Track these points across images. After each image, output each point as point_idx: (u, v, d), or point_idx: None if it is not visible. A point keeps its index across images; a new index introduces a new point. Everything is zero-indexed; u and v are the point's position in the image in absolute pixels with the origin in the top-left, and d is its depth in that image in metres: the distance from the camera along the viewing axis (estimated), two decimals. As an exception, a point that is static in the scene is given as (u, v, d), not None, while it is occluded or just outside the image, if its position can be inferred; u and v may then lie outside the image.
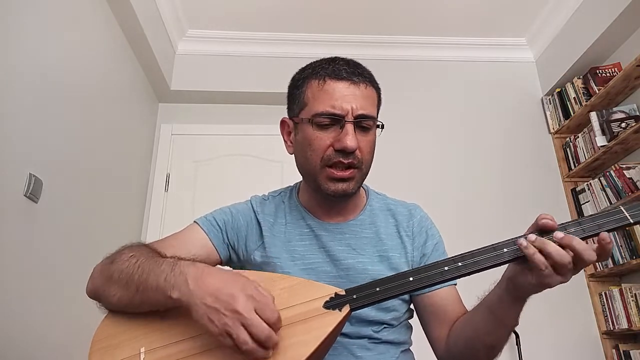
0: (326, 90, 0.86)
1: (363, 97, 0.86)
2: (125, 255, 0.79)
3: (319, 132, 0.86)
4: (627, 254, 2.35)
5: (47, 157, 1.68)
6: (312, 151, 0.87)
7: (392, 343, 0.87)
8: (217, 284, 0.65)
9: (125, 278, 0.74)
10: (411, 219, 0.97)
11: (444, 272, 0.69)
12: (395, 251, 0.92)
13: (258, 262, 0.91)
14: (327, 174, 0.86)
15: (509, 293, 0.72)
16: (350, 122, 0.84)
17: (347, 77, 0.86)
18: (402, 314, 0.91)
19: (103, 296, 0.78)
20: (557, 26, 2.86)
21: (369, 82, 0.89)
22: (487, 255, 0.68)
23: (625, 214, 0.66)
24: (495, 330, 0.77)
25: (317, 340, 0.65)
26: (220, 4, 2.77)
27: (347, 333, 0.83)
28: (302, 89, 0.91)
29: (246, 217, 0.97)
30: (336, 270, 0.88)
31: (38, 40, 1.63)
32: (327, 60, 0.91)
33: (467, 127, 2.93)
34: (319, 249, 0.91)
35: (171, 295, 0.67)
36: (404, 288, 0.70)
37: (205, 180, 2.79)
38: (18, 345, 1.48)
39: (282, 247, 0.91)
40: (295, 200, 0.99)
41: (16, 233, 1.50)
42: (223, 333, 0.62)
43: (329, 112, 0.84)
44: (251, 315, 0.62)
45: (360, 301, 0.70)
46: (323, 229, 0.93)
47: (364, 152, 0.87)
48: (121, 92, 2.41)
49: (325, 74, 0.87)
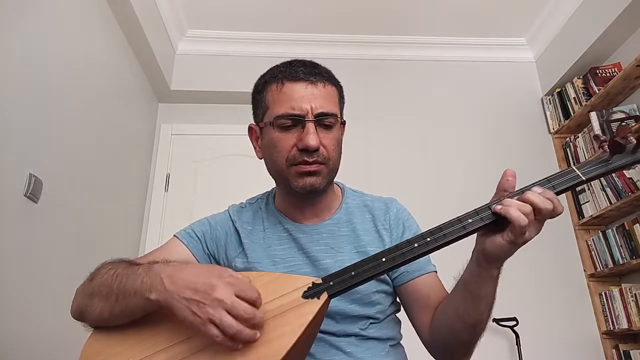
0: (285, 92, 0.88)
1: (322, 96, 0.88)
2: (104, 269, 0.80)
3: (282, 134, 0.88)
4: (627, 254, 2.35)
5: (47, 157, 1.68)
6: (277, 153, 0.88)
7: (379, 339, 0.88)
8: (193, 277, 0.66)
9: (105, 290, 0.75)
10: (387, 212, 0.98)
11: (414, 249, 0.71)
12: (373, 245, 0.93)
13: (240, 268, 0.92)
14: (295, 170, 0.87)
15: (481, 265, 0.73)
16: (311, 121, 0.85)
17: (304, 78, 0.88)
18: (387, 307, 0.92)
19: (86, 312, 0.79)
20: (557, 26, 2.86)
21: (327, 80, 0.91)
22: (454, 227, 0.71)
23: (577, 172, 0.70)
24: (474, 307, 0.77)
25: (299, 329, 0.66)
26: (220, 4, 2.77)
27: (334, 332, 0.84)
28: (262, 94, 0.93)
29: (224, 227, 0.98)
30: (316, 271, 0.89)
31: (38, 40, 1.63)
32: (284, 64, 0.93)
33: (467, 127, 2.94)
34: (298, 252, 0.92)
35: (149, 297, 0.68)
36: (378, 269, 0.71)
37: (205, 180, 2.79)
38: (18, 345, 1.48)
39: (262, 253, 0.93)
40: (271, 206, 1.01)
41: (16, 233, 1.50)
42: (206, 322, 0.63)
43: (289, 113, 0.86)
44: (232, 299, 0.64)
45: (337, 286, 0.71)
46: (300, 232, 0.94)
47: (329, 149, 0.88)
48: (121, 92, 2.41)
49: (282, 76, 0.90)
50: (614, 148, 0.69)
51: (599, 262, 2.54)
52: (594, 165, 0.71)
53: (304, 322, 0.67)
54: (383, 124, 2.88)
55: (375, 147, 2.83)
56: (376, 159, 2.79)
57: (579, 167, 0.71)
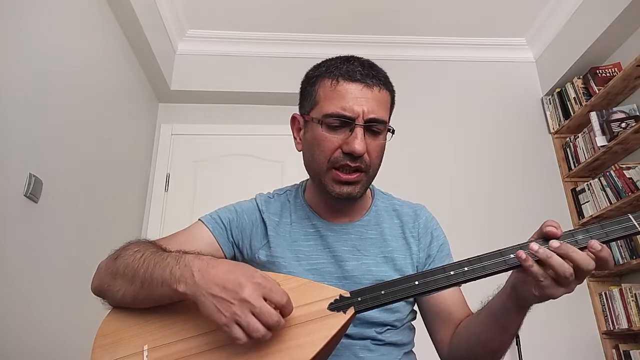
0: (338, 91, 0.84)
1: (375, 101, 0.84)
2: (130, 250, 0.78)
3: (328, 133, 0.85)
4: (627, 254, 2.35)
5: (47, 157, 1.68)
6: (320, 151, 0.86)
7: (395, 345, 0.87)
8: (223, 274, 0.64)
9: (131, 273, 0.73)
10: (417, 220, 0.97)
11: (450, 277, 0.68)
12: (400, 252, 0.92)
13: (263, 261, 0.91)
14: (333, 175, 0.85)
15: (512, 301, 0.71)
16: (360, 126, 0.83)
17: (360, 79, 0.84)
18: (405, 315, 0.91)
19: (108, 292, 0.78)
20: (557, 26, 2.86)
21: (383, 85, 0.87)
22: (494, 261, 0.67)
23: (634, 222, 0.65)
24: (498, 336, 0.76)
25: (321, 342, 0.65)
26: (220, 4, 2.77)
27: (350, 334, 0.83)
28: (314, 87, 0.89)
29: (251, 216, 0.96)
30: (340, 272, 0.88)
31: (38, 40, 1.62)
32: (342, 60, 0.89)
33: (467, 127, 2.93)
34: (324, 250, 0.91)
35: (177, 288, 0.66)
36: (409, 292, 0.69)
37: (205, 180, 2.79)
38: (18, 345, 1.48)
39: (287, 247, 0.91)
40: (301, 199, 0.98)
41: (16, 233, 1.50)
42: (231, 322, 0.61)
43: (339, 113, 0.83)
44: (260, 302, 0.61)
45: (365, 304, 0.69)
46: (329, 230, 0.93)
47: (372, 157, 0.86)
48: (121, 92, 2.41)
49: (338, 74, 0.86)
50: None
51: (599, 262, 2.54)
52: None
53: (327, 335, 0.65)
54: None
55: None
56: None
57: (636, 216, 0.66)
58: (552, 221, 0.67)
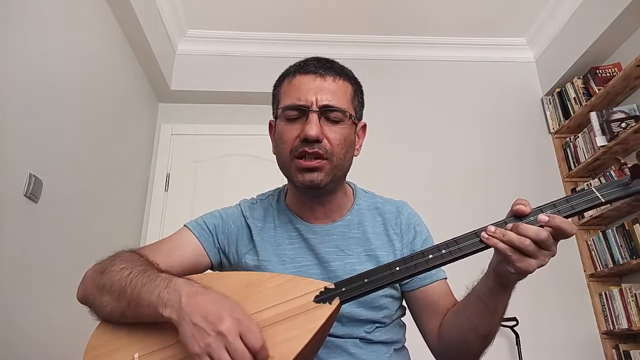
0: (293, 84, 0.89)
1: (330, 90, 0.87)
2: (117, 266, 0.78)
3: (288, 125, 0.87)
4: (627, 254, 2.35)
5: (47, 157, 1.68)
6: (282, 144, 0.88)
7: (385, 343, 0.87)
8: (208, 304, 0.65)
9: (117, 290, 0.74)
10: (399, 217, 0.97)
11: (429, 260, 0.71)
12: (384, 249, 0.92)
13: (250, 265, 0.91)
14: (295, 164, 0.86)
15: (495, 282, 0.73)
16: (314, 112, 0.85)
17: (313, 70, 0.88)
18: (393, 312, 0.91)
19: (94, 305, 0.78)
20: (557, 26, 2.86)
21: (338, 75, 0.90)
22: (470, 242, 0.70)
23: (597, 194, 0.70)
24: (487, 319, 0.77)
25: (309, 334, 0.66)
26: (220, 4, 2.77)
27: (339, 335, 0.84)
28: (277, 89, 0.94)
29: (236, 221, 0.97)
30: (325, 272, 0.89)
31: (38, 40, 1.63)
32: (302, 60, 0.94)
33: (467, 127, 2.94)
34: (308, 252, 0.91)
35: (162, 312, 0.67)
36: (392, 278, 0.72)
37: (205, 180, 2.79)
38: (18, 345, 1.48)
39: (272, 251, 0.92)
40: (282, 203, 0.99)
41: (16, 233, 1.50)
42: (204, 354, 0.61)
43: (295, 104, 0.86)
44: (236, 340, 0.62)
45: (349, 293, 0.71)
46: (311, 232, 0.93)
47: (333, 144, 0.86)
48: (121, 92, 2.41)
49: (294, 70, 0.91)
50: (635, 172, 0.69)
51: (599, 262, 2.54)
52: (613, 187, 0.71)
53: (314, 327, 0.67)
54: (382, 124, 2.88)
55: (375, 147, 2.83)
56: (376, 158, 2.79)
57: (598, 188, 0.71)
58: (522, 199, 0.70)
